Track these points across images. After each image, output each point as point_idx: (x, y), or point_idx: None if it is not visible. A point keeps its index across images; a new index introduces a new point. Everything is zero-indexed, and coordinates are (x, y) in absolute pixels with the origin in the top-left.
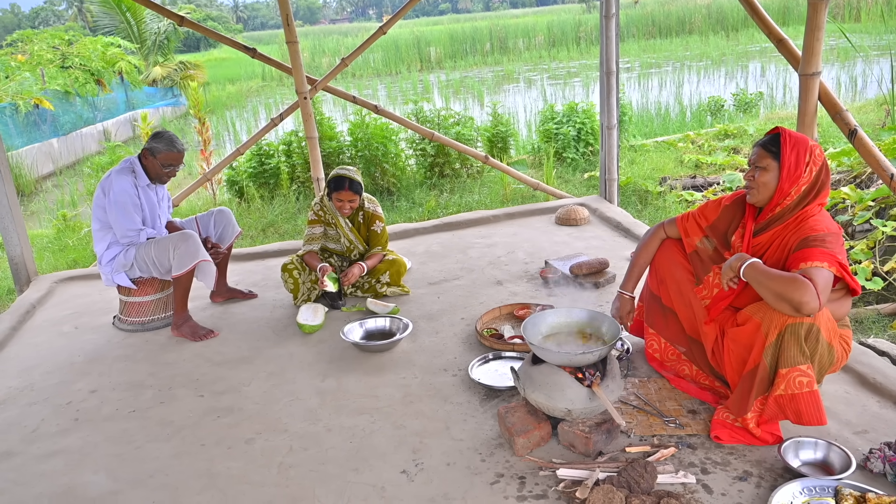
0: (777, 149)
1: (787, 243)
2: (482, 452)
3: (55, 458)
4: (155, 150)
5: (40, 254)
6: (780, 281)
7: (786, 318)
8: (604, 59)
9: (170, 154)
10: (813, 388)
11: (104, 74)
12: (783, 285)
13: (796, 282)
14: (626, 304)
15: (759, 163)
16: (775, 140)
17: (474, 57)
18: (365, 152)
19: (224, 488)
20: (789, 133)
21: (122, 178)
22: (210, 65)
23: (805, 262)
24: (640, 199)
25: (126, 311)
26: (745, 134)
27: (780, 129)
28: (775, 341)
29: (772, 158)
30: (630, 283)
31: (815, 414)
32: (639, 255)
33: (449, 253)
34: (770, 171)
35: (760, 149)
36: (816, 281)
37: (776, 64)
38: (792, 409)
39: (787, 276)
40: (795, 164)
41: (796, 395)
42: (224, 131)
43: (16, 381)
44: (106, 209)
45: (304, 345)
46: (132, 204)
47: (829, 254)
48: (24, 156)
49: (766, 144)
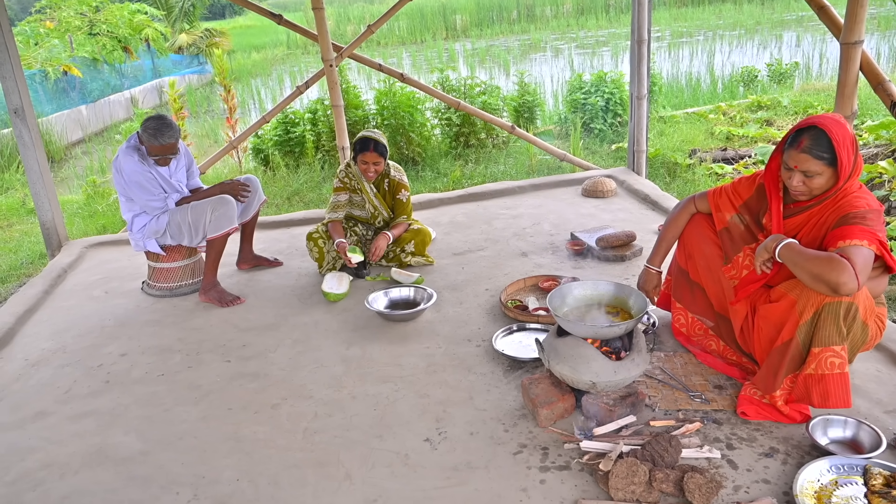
0: (826, 153)
1: (825, 221)
2: (505, 423)
3: (87, 418)
4: (142, 140)
5: (70, 219)
6: (817, 261)
7: (823, 297)
8: (635, 27)
9: (152, 147)
10: (844, 370)
11: (131, 41)
12: (820, 266)
13: (833, 261)
14: (652, 279)
15: (809, 170)
16: (820, 142)
17: (500, 25)
18: (391, 121)
19: (250, 452)
20: (833, 130)
21: (129, 158)
22: (235, 32)
23: (844, 239)
24: (668, 171)
25: (154, 276)
26: (779, 105)
27: (821, 124)
28: (810, 319)
29: (824, 164)
30: (657, 258)
31: (843, 396)
32: (667, 229)
33: (474, 223)
34: (822, 175)
35: (806, 156)
36: (855, 260)
37: (812, 34)
38: (819, 389)
39: (824, 257)
40: (849, 161)
41: (826, 375)
42: (249, 99)
43: (49, 343)
44: (125, 188)
45: (329, 313)
46: (147, 180)
47: (869, 231)
48: (53, 122)
49: (813, 150)
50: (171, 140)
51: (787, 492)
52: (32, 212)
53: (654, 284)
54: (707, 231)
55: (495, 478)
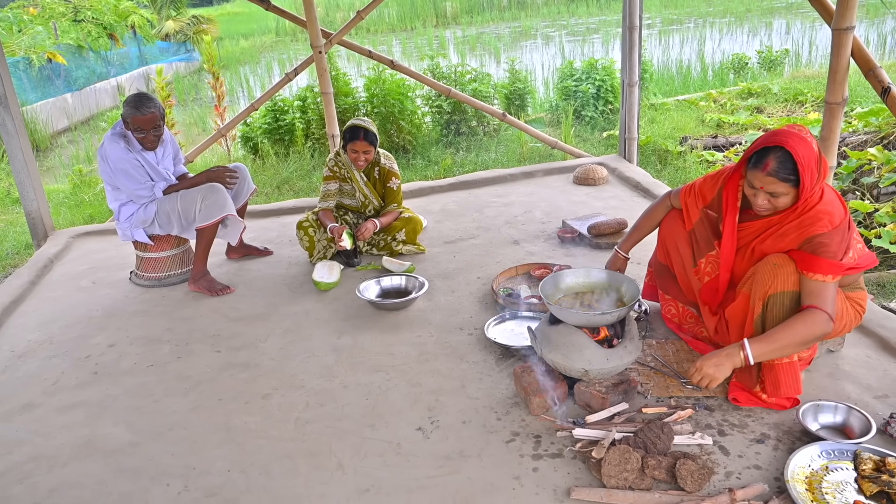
0: (793, 175)
1: (786, 231)
2: (498, 411)
3: (75, 410)
4: (126, 116)
5: (57, 209)
6: (796, 333)
7: (767, 288)
8: (626, 13)
9: (135, 118)
10: (793, 359)
11: (117, 28)
12: (802, 335)
13: (808, 322)
14: (617, 262)
15: (775, 192)
16: (786, 165)
17: (491, 12)
18: (381, 109)
19: (242, 442)
20: (799, 151)
21: (115, 145)
22: (223, 19)
23: (812, 272)
24: (659, 158)
25: (143, 266)
26: (770, 93)
27: (787, 145)
28: (762, 312)
29: (790, 185)
30: (627, 244)
31: (792, 385)
32: (643, 220)
33: (465, 212)
34: (788, 195)
35: (773, 179)
36: (826, 303)
37: (802, 20)
38: (770, 379)
39: (798, 324)
40: (812, 183)
41: (775, 365)
42: (238, 87)
43: (35, 335)
44: (111, 176)
45: (320, 302)
46: (133, 167)
47: (835, 265)
48: (38, 111)
49: (779, 173)
50: (153, 110)
51: (779, 477)
52: (17, 202)
53: (618, 267)
54: (681, 229)
55: (488, 466)
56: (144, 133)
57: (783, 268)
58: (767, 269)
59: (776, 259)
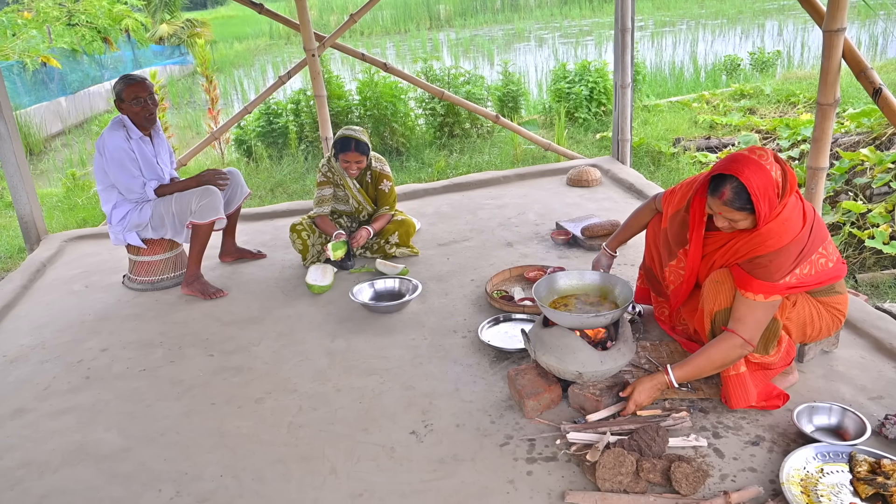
0: (748, 204)
1: (738, 249)
2: (491, 414)
3: (67, 415)
4: (120, 93)
5: (50, 213)
6: (712, 359)
7: (713, 305)
8: (619, 15)
9: (130, 86)
10: (739, 371)
11: (111, 32)
12: (719, 360)
13: (722, 349)
14: (602, 259)
15: (732, 218)
16: (741, 196)
17: (484, 15)
18: (374, 111)
19: (234, 447)
20: (752, 182)
21: (114, 133)
22: (217, 23)
23: (742, 289)
24: (653, 160)
25: (135, 270)
26: (762, 94)
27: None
28: (711, 328)
29: (746, 213)
30: (614, 242)
31: (743, 396)
32: (630, 220)
33: (458, 214)
34: (746, 220)
35: (728, 208)
36: (744, 325)
37: (794, 22)
38: (724, 391)
39: (713, 351)
40: (768, 210)
41: (725, 377)
42: (232, 90)
43: (27, 339)
44: (105, 170)
45: (314, 305)
46: (128, 159)
47: (766, 285)
48: (32, 115)
49: (734, 203)
50: (144, 78)
51: (774, 479)
52: (10, 205)
53: (604, 265)
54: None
55: (482, 470)
56: (142, 102)
57: (723, 284)
58: (711, 287)
59: (717, 276)
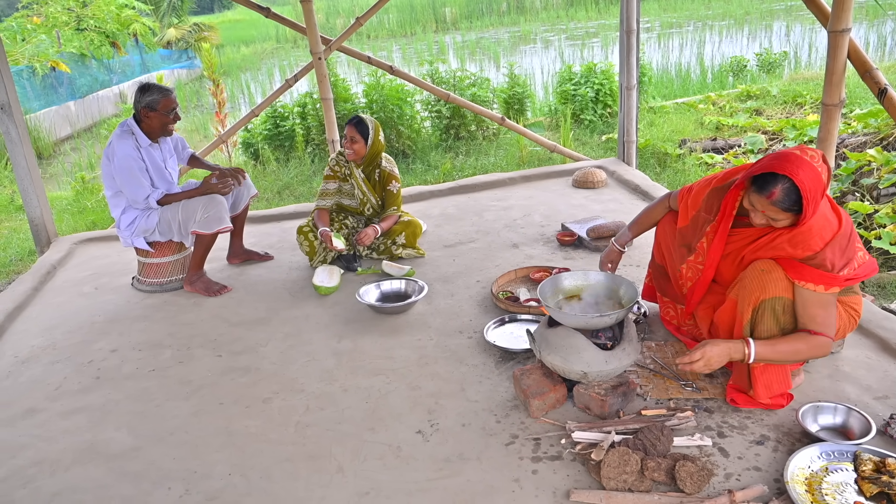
0: (796, 206)
1: (778, 246)
2: (497, 414)
3: (78, 414)
4: (154, 103)
5: (59, 216)
6: (797, 351)
7: (759, 294)
8: (624, 17)
9: (168, 100)
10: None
11: (119, 36)
12: (802, 354)
13: (810, 344)
14: (611, 254)
15: (775, 217)
16: (791, 196)
17: (490, 17)
18: (380, 114)
19: (242, 446)
20: (806, 184)
21: (123, 142)
22: (224, 26)
23: (800, 280)
24: (658, 161)
25: (144, 272)
26: (769, 95)
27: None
28: (751, 318)
29: (792, 214)
30: (623, 238)
31: (783, 382)
32: (641, 217)
33: (464, 215)
34: (787, 220)
35: (776, 208)
36: (828, 324)
37: (801, 23)
38: (763, 380)
39: (801, 343)
40: (815, 208)
41: (768, 366)
42: (239, 93)
43: (38, 340)
44: (114, 176)
45: (321, 306)
46: (138, 168)
47: (826, 276)
48: (42, 119)
49: (783, 203)
50: (173, 92)
51: (779, 479)
52: (21, 208)
53: (611, 259)
54: (676, 231)
55: (487, 469)
56: (174, 114)
57: (771, 273)
58: (756, 275)
59: (763, 265)
